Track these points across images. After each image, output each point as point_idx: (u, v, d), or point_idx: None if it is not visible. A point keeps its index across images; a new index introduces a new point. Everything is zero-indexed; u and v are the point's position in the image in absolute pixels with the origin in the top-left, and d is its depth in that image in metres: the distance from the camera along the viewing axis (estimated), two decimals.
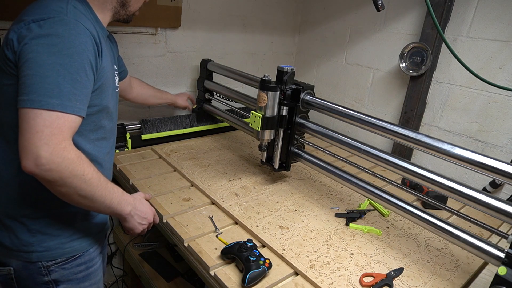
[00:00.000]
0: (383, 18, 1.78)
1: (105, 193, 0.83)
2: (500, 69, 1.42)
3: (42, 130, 0.71)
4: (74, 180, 0.76)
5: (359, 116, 1.14)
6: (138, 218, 0.96)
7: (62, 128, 0.74)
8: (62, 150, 0.73)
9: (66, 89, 0.74)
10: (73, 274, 0.95)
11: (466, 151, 0.90)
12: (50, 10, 0.77)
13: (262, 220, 1.17)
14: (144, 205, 1.00)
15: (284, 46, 2.22)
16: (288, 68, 1.24)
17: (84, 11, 0.84)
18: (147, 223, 1.00)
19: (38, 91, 0.72)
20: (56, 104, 0.73)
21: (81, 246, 0.95)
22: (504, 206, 0.85)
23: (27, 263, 0.89)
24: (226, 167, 1.51)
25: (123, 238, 1.71)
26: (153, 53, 1.67)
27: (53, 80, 0.73)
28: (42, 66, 0.73)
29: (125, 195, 0.92)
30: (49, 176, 0.73)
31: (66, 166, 0.73)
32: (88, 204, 0.82)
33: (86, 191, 0.79)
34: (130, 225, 0.96)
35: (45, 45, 0.73)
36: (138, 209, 0.96)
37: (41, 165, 0.71)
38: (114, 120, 1.04)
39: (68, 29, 0.76)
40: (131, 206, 0.93)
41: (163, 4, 1.57)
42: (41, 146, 0.71)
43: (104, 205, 0.85)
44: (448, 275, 1.02)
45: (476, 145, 1.53)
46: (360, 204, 1.33)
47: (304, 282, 0.95)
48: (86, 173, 0.77)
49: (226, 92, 1.66)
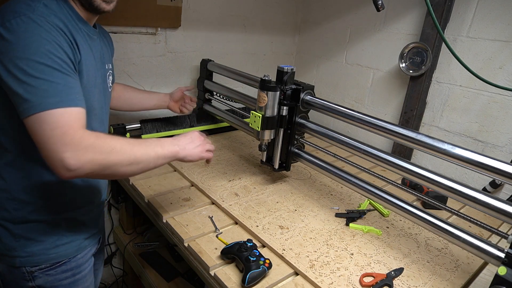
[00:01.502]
0: (383, 18, 1.78)
1: (144, 149, 0.81)
2: (500, 69, 1.42)
3: (53, 134, 0.69)
4: (110, 158, 0.74)
5: (359, 116, 1.14)
6: (191, 145, 0.93)
7: (70, 123, 0.71)
8: (79, 141, 0.71)
9: (60, 86, 0.72)
10: (58, 280, 0.93)
11: (466, 151, 0.90)
12: (17, 9, 0.73)
13: (262, 220, 1.17)
14: (183, 135, 0.96)
15: (284, 46, 2.22)
16: (288, 68, 1.24)
17: (58, 9, 0.79)
18: (200, 142, 0.96)
19: (34, 96, 0.70)
20: (55, 102, 0.70)
21: (67, 253, 0.93)
22: (504, 206, 0.85)
23: (11, 268, 0.87)
24: (226, 167, 1.51)
25: (123, 238, 1.71)
26: (153, 53, 1.67)
27: (43, 81, 0.70)
28: (26, 72, 0.70)
29: (162, 140, 0.89)
30: (86, 170, 0.71)
31: (94, 152, 0.72)
32: (139, 167, 0.80)
33: (128, 159, 0.77)
34: (192, 156, 0.93)
35: (19, 49, 0.70)
36: (182, 141, 0.92)
37: (72, 166, 0.69)
38: (105, 123, 1.01)
39: (36, 26, 0.72)
40: (176, 144, 0.90)
41: (163, 4, 1.57)
42: (59, 149, 0.69)
43: (152, 158, 0.83)
44: (448, 275, 1.02)
45: (476, 145, 1.53)
46: (360, 204, 1.33)
47: (304, 282, 0.95)
48: (113, 145, 0.75)
49: (226, 92, 1.66)
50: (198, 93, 1.80)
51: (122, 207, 1.72)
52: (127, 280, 1.85)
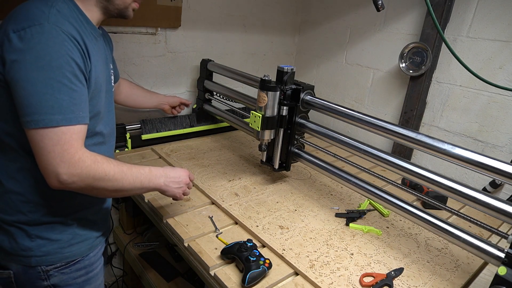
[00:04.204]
0: (383, 18, 1.78)
1: (132, 179, 0.88)
2: (500, 69, 1.42)
3: (53, 150, 0.73)
4: (100, 183, 0.80)
5: (359, 116, 1.14)
6: (174, 185, 1.00)
7: (71, 141, 0.75)
8: (77, 161, 0.76)
9: (65, 102, 0.74)
10: (72, 279, 0.94)
11: (466, 151, 0.90)
12: (31, 16, 0.74)
13: (262, 220, 1.17)
14: (175, 169, 1.03)
15: (284, 46, 2.22)
16: (288, 68, 1.24)
17: (70, 13, 0.80)
18: (184, 185, 1.03)
19: (39, 111, 0.72)
20: (59, 119, 0.73)
21: (81, 251, 0.95)
22: (504, 206, 0.85)
23: (26, 268, 0.88)
24: (226, 167, 1.51)
25: (123, 238, 1.71)
26: (153, 53, 1.67)
27: (50, 96, 0.72)
28: (36, 84, 0.71)
29: (153, 170, 0.96)
30: (76, 187, 0.78)
31: (87, 174, 0.77)
32: (122, 193, 0.91)
33: (114, 186, 0.84)
34: (170, 194, 1.01)
35: (32, 61, 0.71)
36: (169, 176, 0.99)
37: (64, 181, 0.75)
38: (111, 123, 1.02)
39: (51, 37, 0.73)
40: (163, 177, 0.97)
41: (163, 4, 1.57)
42: (57, 164, 0.74)
43: (137, 189, 0.91)
44: (448, 275, 1.02)
45: (476, 145, 1.53)
46: (360, 204, 1.33)
47: (304, 282, 0.95)
48: (107, 172, 0.81)
49: (226, 92, 1.66)
50: (198, 93, 1.80)
51: (122, 207, 1.72)
52: (127, 280, 1.85)
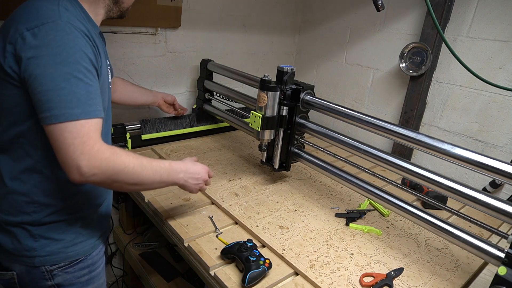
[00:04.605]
0: (383, 18, 1.78)
1: (152, 173, 0.88)
2: (500, 69, 1.42)
3: (73, 143, 0.74)
4: (120, 175, 0.80)
5: (359, 116, 1.14)
6: (192, 180, 1.01)
7: (90, 134, 0.75)
8: (96, 153, 0.76)
9: (83, 96, 0.75)
10: (76, 278, 0.95)
11: (466, 151, 0.90)
12: (42, 14, 0.75)
13: (262, 220, 1.17)
14: (195, 165, 1.04)
15: (284, 46, 2.22)
16: (288, 68, 1.24)
17: (75, 11, 0.81)
18: (202, 181, 1.05)
19: (58, 105, 0.73)
20: (78, 113, 0.74)
21: (84, 250, 0.95)
22: (504, 206, 0.85)
23: (30, 268, 0.88)
24: (226, 167, 1.51)
25: (123, 238, 1.71)
26: (153, 53, 1.67)
27: (67, 91, 0.73)
28: (53, 80, 0.73)
29: (173, 165, 0.97)
30: (96, 180, 0.78)
31: (107, 166, 0.77)
32: (142, 187, 0.91)
33: (134, 179, 0.84)
34: (188, 189, 1.03)
35: (48, 56, 0.73)
36: (189, 171, 1.01)
37: (85, 174, 0.75)
38: (109, 121, 1.03)
39: (65, 34, 0.74)
40: (183, 172, 0.98)
41: (163, 4, 1.57)
42: (77, 157, 0.74)
43: (156, 183, 0.91)
44: (448, 275, 1.02)
45: (476, 145, 1.53)
46: (360, 204, 1.33)
47: (304, 282, 0.95)
48: (126, 164, 0.81)
49: (226, 92, 1.66)
50: (198, 93, 1.80)
51: (122, 207, 1.72)
52: (127, 280, 1.85)
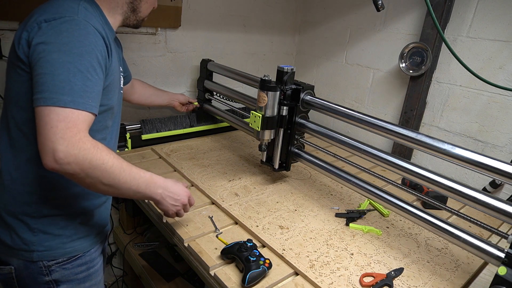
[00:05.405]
0: (383, 18, 1.78)
1: (129, 179, 0.83)
2: (500, 69, 1.42)
3: (57, 125, 0.72)
4: (95, 170, 0.76)
5: (359, 116, 1.14)
6: (170, 200, 0.95)
7: (76, 122, 0.74)
8: (77, 141, 0.73)
9: (77, 87, 0.75)
10: (74, 274, 0.95)
11: (466, 151, 0.90)
12: (62, 10, 0.78)
13: (262, 220, 1.17)
14: (178, 186, 0.98)
15: (284, 46, 2.22)
16: (288, 68, 1.24)
17: (94, 12, 0.85)
18: (180, 204, 0.98)
19: (50, 89, 0.73)
20: (68, 101, 0.73)
21: (82, 246, 0.95)
22: (504, 206, 0.85)
23: (28, 263, 0.89)
24: (226, 167, 1.51)
25: (123, 238, 1.71)
26: (153, 53, 1.67)
27: (64, 77, 0.74)
28: (53, 65, 0.74)
29: (154, 178, 0.91)
30: (69, 169, 0.73)
31: (84, 157, 0.73)
32: (115, 191, 0.82)
33: (109, 179, 0.78)
34: (163, 207, 0.96)
35: (56, 44, 0.75)
36: (169, 190, 0.95)
37: (59, 159, 0.71)
38: (117, 121, 1.05)
39: (78, 29, 0.77)
40: (162, 188, 0.93)
41: (163, 4, 1.57)
42: (56, 140, 0.71)
43: (131, 191, 0.85)
44: (448, 275, 1.02)
45: (476, 145, 1.53)
46: (360, 204, 1.33)
47: (304, 282, 0.95)
48: (105, 161, 0.77)
49: (226, 92, 1.66)
50: (198, 93, 1.80)
51: (122, 207, 1.72)
52: (127, 280, 1.85)
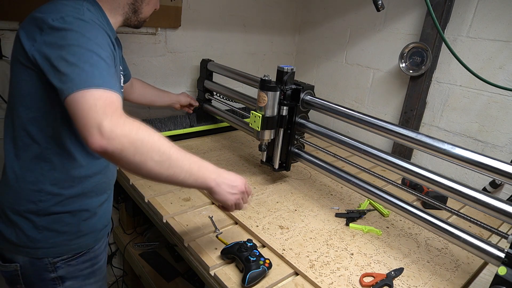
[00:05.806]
0: (383, 18, 1.78)
1: (181, 156, 0.77)
2: (500, 69, 1.42)
3: (95, 104, 0.68)
4: (143, 143, 0.70)
5: (359, 116, 1.14)
6: (226, 187, 0.86)
7: (113, 100, 0.70)
8: (120, 116, 0.69)
9: (105, 72, 0.73)
10: (79, 270, 0.96)
11: (466, 151, 0.90)
12: (67, 10, 0.78)
13: (262, 220, 1.17)
14: (231, 173, 0.90)
15: (284, 46, 2.22)
16: (288, 68, 1.24)
17: (96, 13, 0.86)
18: (238, 192, 0.89)
19: (80, 77, 0.70)
20: (99, 83, 0.70)
21: (87, 243, 0.96)
22: (504, 206, 0.85)
23: (33, 260, 0.89)
24: (226, 167, 1.49)
25: (123, 238, 1.71)
26: (153, 53, 1.67)
27: (90, 65, 0.72)
28: (75, 55, 0.72)
29: (204, 162, 0.83)
30: (118, 144, 0.67)
31: (130, 129, 0.69)
32: (168, 171, 0.74)
33: (160, 154, 0.72)
34: (221, 197, 0.86)
35: (74, 38, 0.74)
36: (224, 176, 0.87)
37: (107, 133, 0.66)
38: None
39: (88, 25, 0.77)
40: (215, 173, 0.85)
41: (163, 4, 1.56)
42: (99, 116, 0.67)
43: (183, 172, 0.77)
44: (448, 275, 1.02)
45: (476, 145, 1.53)
46: (360, 204, 1.33)
47: (304, 282, 0.95)
48: (151, 134, 0.72)
49: (226, 92, 1.66)
50: (198, 93, 1.80)
51: (122, 207, 1.72)
52: (127, 280, 1.85)
